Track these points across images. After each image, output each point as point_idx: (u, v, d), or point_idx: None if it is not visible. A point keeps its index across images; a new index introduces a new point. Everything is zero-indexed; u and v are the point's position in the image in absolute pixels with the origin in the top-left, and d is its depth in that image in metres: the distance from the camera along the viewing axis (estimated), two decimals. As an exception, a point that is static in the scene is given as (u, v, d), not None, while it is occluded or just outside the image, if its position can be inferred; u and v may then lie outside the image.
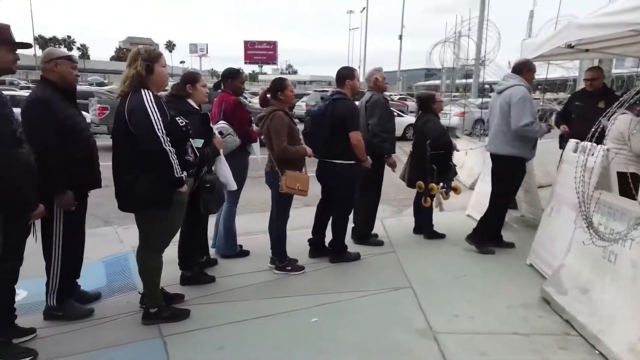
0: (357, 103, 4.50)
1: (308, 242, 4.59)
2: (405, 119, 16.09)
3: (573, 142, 4.24)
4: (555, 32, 4.93)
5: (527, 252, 4.45)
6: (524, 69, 4.59)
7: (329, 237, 4.56)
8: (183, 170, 2.92)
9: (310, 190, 4.05)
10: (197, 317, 3.30)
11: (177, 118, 2.97)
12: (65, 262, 3.20)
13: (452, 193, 4.98)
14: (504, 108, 4.46)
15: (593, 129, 2.94)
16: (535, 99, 6.85)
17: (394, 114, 5.28)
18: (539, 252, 4.27)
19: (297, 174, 3.93)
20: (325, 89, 23.49)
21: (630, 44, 4.92)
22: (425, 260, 4.55)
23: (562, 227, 3.97)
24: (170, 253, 3.32)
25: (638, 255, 2.92)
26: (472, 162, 8.37)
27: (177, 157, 2.88)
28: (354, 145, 4.15)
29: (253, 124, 4.35)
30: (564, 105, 5.99)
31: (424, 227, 5.22)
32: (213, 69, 78.77)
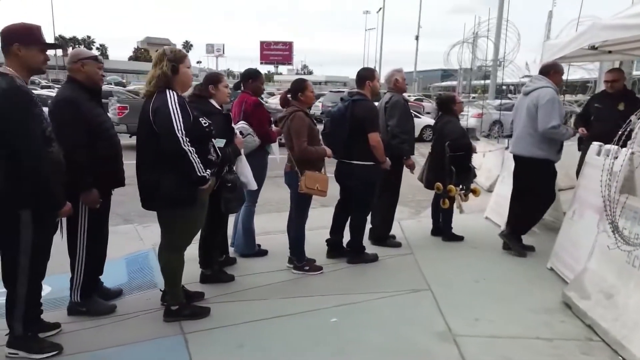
0: (376, 104, 4.50)
1: (326, 242, 4.59)
2: (422, 120, 16.01)
3: (596, 145, 4.18)
4: (579, 33, 4.87)
5: (547, 255, 4.40)
6: (552, 71, 4.53)
7: (347, 237, 4.56)
8: (206, 169, 2.94)
9: (329, 191, 4.05)
10: (217, 315, 3.33)
11: (200, 118, 3.01)
12: (89, 258, 3.25)
13: (470, 195, 4.94)
14: (531, 110, 4.40)
15: (620, 132, 2.90)
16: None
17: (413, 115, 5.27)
18: (561, 255, 4.22)
19: (316, 175, 3.94)
20: (341, 90, 23.48)
21: (656, 46, 4.84)
22: (444, 263, 4.53)
23: (584, 230, 3.92)
24: (191, 251, 3.35)
25: (664, 261, 2.87)
26: (490, 164, 8.29)
27: (200, 156, 2.91)
28: (373, 147, 4.14)
29: (272, 124, 4.38)
30: (583, 107, 5.91)
31: (443, 229, 5.19)
32: (229, 69, 79.27)
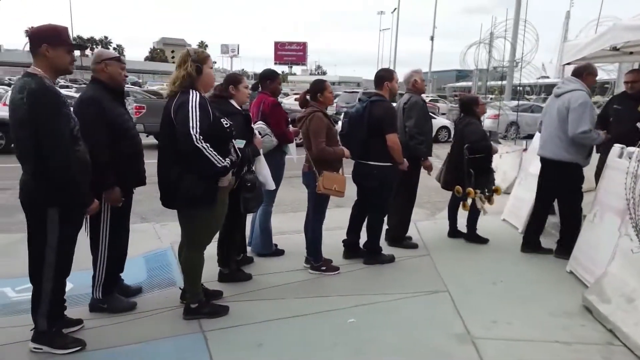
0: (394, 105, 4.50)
1: (342, 243, 4.60)
2: (437, 121, 15.93)
3: (618, 147, 4.13)
4: (600, 33, 4.82)
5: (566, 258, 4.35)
6: (584, 73, 4.44)
7: (364, 238, 4.57)
8: (225, 159, 2.93)
9: (346, 192, 4.06)
10: (235, 313, 3.36)
11: (221, 119, 3.04)
12: (111, 256, 3.30)
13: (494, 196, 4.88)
14: (562, 113, 4.34)
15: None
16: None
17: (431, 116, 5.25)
18: (580, 259, 4.17)
19: (334, 175, 3.95)
20: (355, 90, 23.44)
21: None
22: (461, 265, 4.51)
23: (605, 234, 3.87)
24: (210, 250, 3.38)
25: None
26: (506, 166, 8.21)
27: (220, 156, 2.92)
28: (391, 148, 4.14)
29: (289, 125, 4.40)
30: (602, 109, 5.83)
31: (468, 230, 5.14)
32: (243, 69, 79.70)
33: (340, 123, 4.44)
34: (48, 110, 2.45)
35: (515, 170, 7.00)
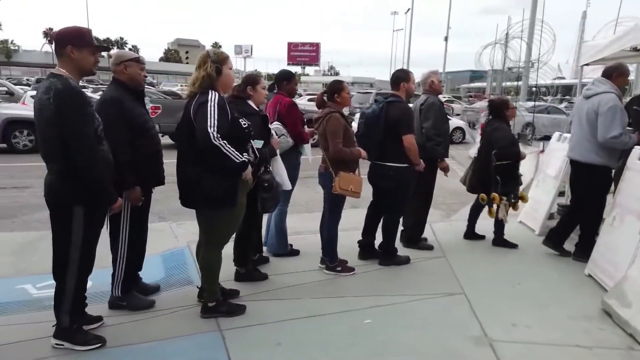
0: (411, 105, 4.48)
1: (358, 243, 4.60)
2: (451, 122, 15.75)
3: (638, 149, 4.08)
4: (621, 34, 4.75)
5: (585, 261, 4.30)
6: (615, 73, 4.32)
7: (379, 239, 4.56)
8: (243, 153, 2.95)
9: (362, 193, 4.06)
10: (252, 313, 3.38)
11: (240, 120, 3.06)
12: (130, 254, 3.35)
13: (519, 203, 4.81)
14: (591, 116, 4.25)
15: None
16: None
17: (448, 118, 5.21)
18: (599, 262, 4.12)
19: (350, 176, 3.95)
20: (369, 90, 23.40)
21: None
22: (477, 267, 4.48)
23: (625, 237, 3.82)
24: (226, 249, 3.39)
25: None
26: (523, 168, 8.11)
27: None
28: (407, 149, 4.13)
29: (305, 125, 4.41)
30: None
31: (495, 234, 5.06)
32: (257, 70, 79.92)
33: (356, 123, 4.44)
34: (74, 111, 2.49)
35: (532, 172, 6.92)
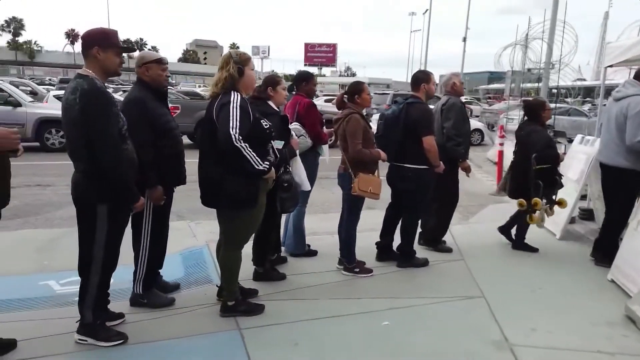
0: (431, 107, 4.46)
1: (376, 245, 4.59)
2: (471, 124, 15.66)
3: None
4: (647, 35, 4.65)
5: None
6: None
7: (397, 241, 4.54)
8: (264, 161, 2.98)
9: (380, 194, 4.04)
10: (270, 312, 3.40)
11: (262, 120, 3.08)
12: (152, 252, 3.40)
13: (556, 207, 4.71)
14: (620, 119, 4.19)
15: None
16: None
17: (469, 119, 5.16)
18: (622, 268, 4.04)
19: (370, 177, 3.95)
20: (386, 92, 23.31)
21: None
22: (497, 270, 4.43)
23: (650, 242, 3.75)
24: (245, 248, 3.41)
25: None
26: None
27: (259, 157, 2.96)
28: (427, 150, 4.11)
29: (324, 126, 4.42)
30: None
31: (516, 238, 5.01)
32: (273, 70, 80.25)
33: (375, 124, 4.43)
34: (99, 111, 2.53)
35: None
